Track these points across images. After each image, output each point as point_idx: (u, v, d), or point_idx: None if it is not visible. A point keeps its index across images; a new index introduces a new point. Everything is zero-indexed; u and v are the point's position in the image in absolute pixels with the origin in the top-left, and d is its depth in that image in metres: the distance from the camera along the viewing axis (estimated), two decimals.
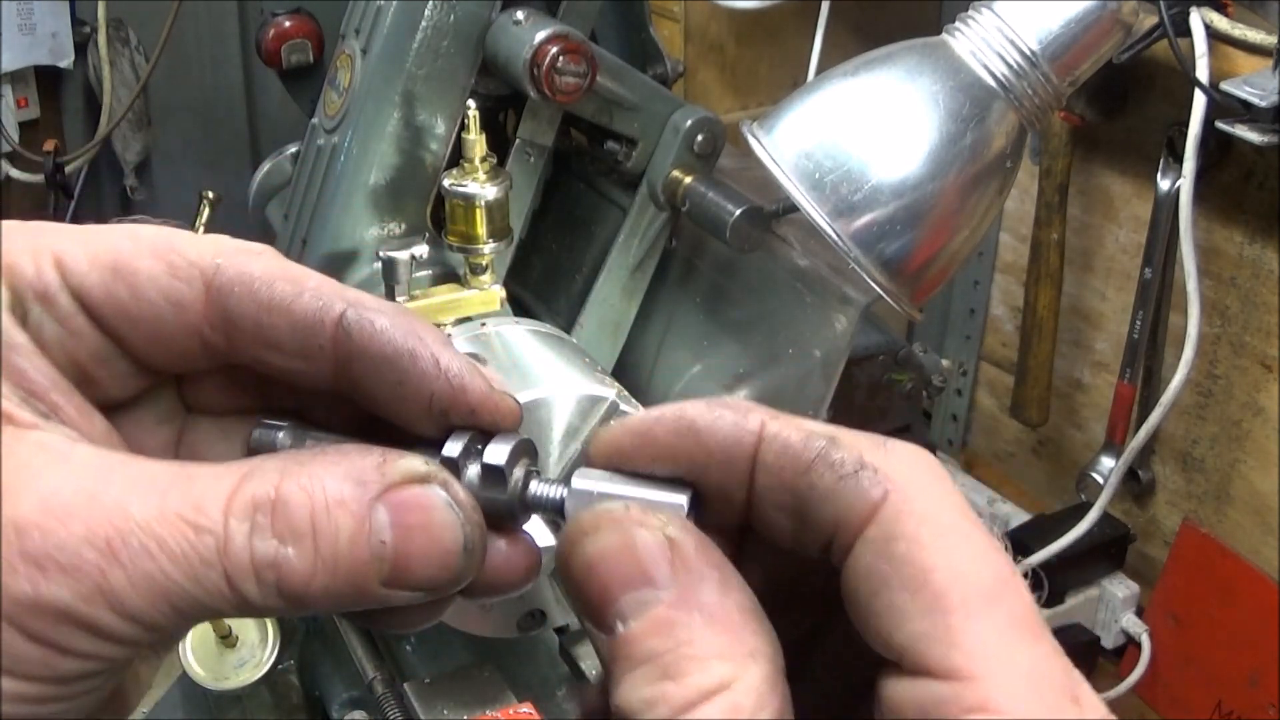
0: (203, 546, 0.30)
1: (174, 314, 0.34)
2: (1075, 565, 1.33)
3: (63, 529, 0.29)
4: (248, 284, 0.34)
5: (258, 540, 0.30)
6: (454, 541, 0.32)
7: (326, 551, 0.31)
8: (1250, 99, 1.03)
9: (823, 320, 1.02)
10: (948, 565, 0.29)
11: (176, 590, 0.30)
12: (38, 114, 1.56)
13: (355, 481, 0.31)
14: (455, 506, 0.32)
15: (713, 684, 0.28)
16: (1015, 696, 0.27)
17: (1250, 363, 1.28)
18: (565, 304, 1.18)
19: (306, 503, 0.31)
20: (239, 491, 0.30)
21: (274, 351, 0.34)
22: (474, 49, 1.02)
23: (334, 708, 1.10)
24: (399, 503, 0.31)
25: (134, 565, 0.29)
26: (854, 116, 0.82)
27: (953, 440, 1.68)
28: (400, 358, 0.33)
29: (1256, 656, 1.23)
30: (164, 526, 0.30)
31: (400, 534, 0.31)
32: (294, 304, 0.34)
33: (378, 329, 0.33)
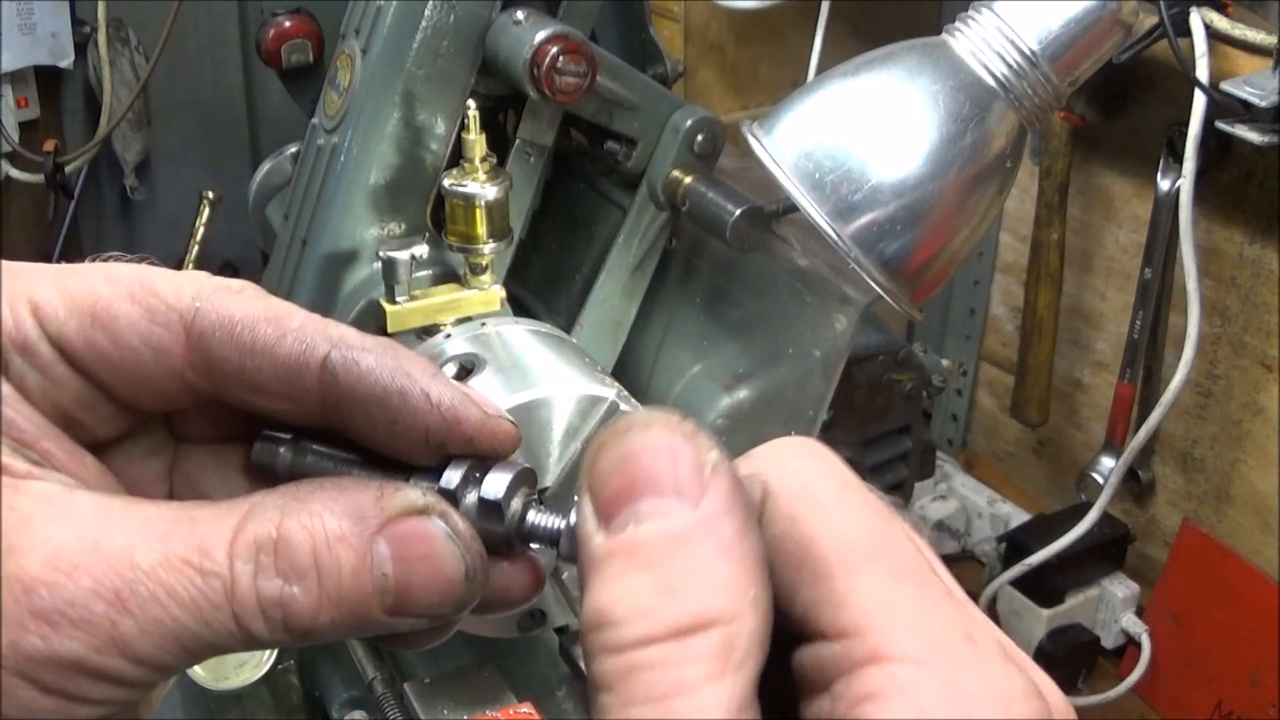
0: (210, 590, 0.30)
1: (154, 359, 0.34)
2: (1075, 565, 1.33)
3: (70, 583, 0.29)
4: (228, 328, 0.33)
5: (263, 580, 0.30)
6: (455, 571, 0.32)
7: (330, 587, 0.31)
8: (1250, 99, 1.03)
9: (823, 320, 1.02)
10: (825, 533, 0.29)
11: (186, 634, 0.30)
12: (38, 114, 1.56)
13: (354, 517, 0.32)
14: (455, 537, 0.33)
15: (712, 614, 0.27)
16: (904, 642, 0.27)
17: (1250, 363, 1.28)
18: (565, 304, 1.18)
19: (308, 540, 0.31)
20: (241, 532, 0.31)
21: (259, 395, 0.34)
22: (474, 49, 1.02)
23: (334, 708, 1.10)
24: (399, 536, 0.32)
25: (143, 613, 0.30)
26: (854, 116, 0.82)
27: (953, 440, 1.68)
28: (390, 397, 0.33)
29: (1256, 656, 1.23)
30: (170, 573, 0.30)
31: (401, 566, 0.32)
32: (277, 347, 0.33)
33: (364, 370, 0.33)
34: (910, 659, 0.27)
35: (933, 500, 1.53)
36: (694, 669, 0.27)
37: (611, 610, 0.28)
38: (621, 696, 0.27)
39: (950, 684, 0.27)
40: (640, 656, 0.27)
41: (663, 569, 0.28)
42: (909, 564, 0.29)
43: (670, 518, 0.28)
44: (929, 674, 0.27)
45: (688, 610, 0.27)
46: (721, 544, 0.28)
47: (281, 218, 1.15)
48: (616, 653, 0.27)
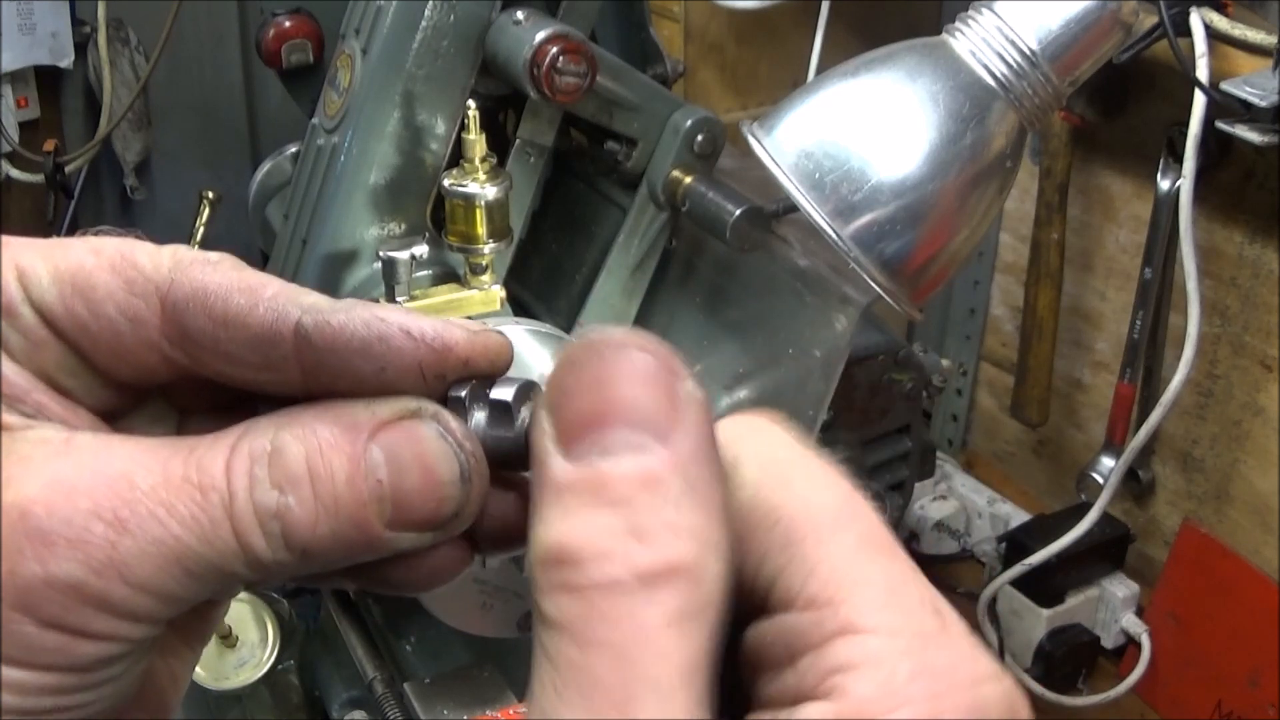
0: (209, 505, 0.30)
1: (131, 330, 0.33)
2: (1075, 565, 1.33)
3: (68, 504, 0.29)
4: (202, 299, 0.33)
5: (259, 492, 0.30)
6: (450, 471, 0.32)
7: (326, 495, 0.31)
8: (1250, 99, 1.03)
9: (823, 320, 1.02)
10: (794, 499, 0.29)
11: (188, 553, 0.30)
12: (38, 114, 1.56)
13: (347, 424, 0.31)
14: (447, 435, 0.32)
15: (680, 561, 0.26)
16: (876, 614, 0.27)
17: (1250, 363, 1.28)
18: (565, 304, 1.18)
19: (301, 450, 0.31)
20: (237, 448, 0.31)
21: (235, 366, 0.33)
22: (474, 49, 1.02)
23: (334, 708, 1.10)
24: (391, 439, 0.31)
25: (143, 532, 0.29)
26: (854, 116, 0.82)
27: (953, 440, 1.68)
28: (372, 345, 0.32)
29: (1256, 656, 1.23)
30: (170, 491, 0.30)
31: (395, 470, 0.31)
32: (249, 317, 0.33)
33: (337, 327, 0.32)
34: (882, 631, 0.27)
35: (933, 500, 1.53)
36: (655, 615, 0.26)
37: (574, 547, 0.27)
38: (577, 638, 0.26)
39: (922, 659, 0.26)
40: (601, 600, 0.26)
41: (632, 510, 0.27)
42: (878, 534, 0.29)
43: (642, 454, 0.27)
44: (901, 647, 0.27)
45: (656, 556, 0.26)
46: (691, 487, 0.27)
47: (281, 218, 1.15)
48: (575, 592, 0.27)
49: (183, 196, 1.46)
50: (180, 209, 1.48)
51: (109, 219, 1.68)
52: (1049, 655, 1.32)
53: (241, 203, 1.31)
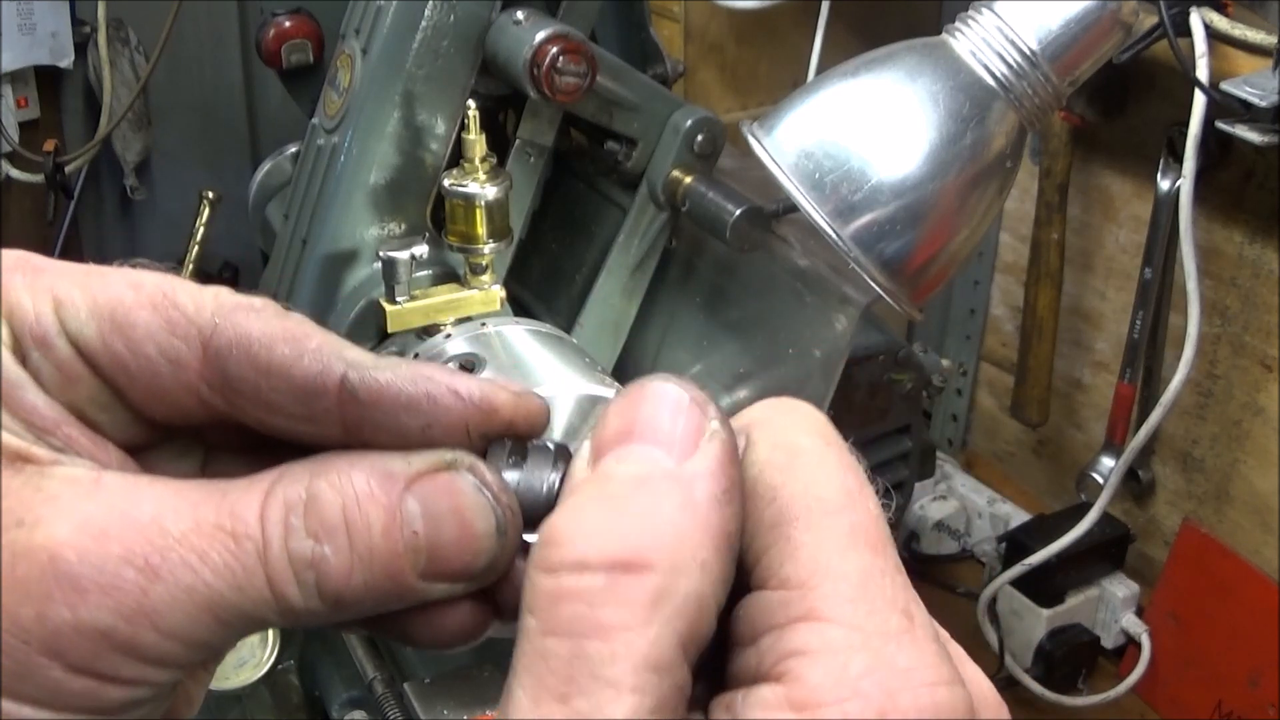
0: (243, 553, 0.30)
1: (171, 371, 0.33)
2: (1075, 565, 1.33)
3: (99, 549, 0.29)
4: (245, 346, 0.32)
5: (294, 541, 0.30)
6: (486, 524, 0.32)
7: (361, 546, 0.30)
8: (1250, 99, 1.03)
9: (823, 320, 1.02)
10: (794, 482, 0.29)
11: (220, 601, 0.29)
12: (38, 114, 1.56)
13: (383, 474, 0.31)
14: (484, 488, 0.32)
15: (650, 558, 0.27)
16: (842, 606, 0.27)
17: (1250, 363, 1.28)
18: (565, 304, 1.18)
19: (337, 499, 0.30)
20: (272, 495, 0.30)
21: (276, 415, 0.33)
22: (474, 49, 1.02)
23: (334, 708, 1.10)
24: (427, 491, 0.31)
25: (175, 579, 0.29)
26: (854, 116, 0.82)
27: (953, 440, 1.68)
28: (419, 402, 0.32)
29: (1256, 656, 1.23)
30: (202, 538, 0.29)
31: (431, 522, 0.31)
32: (294, 368, 0.32)
33: (384, 384, 0.32)
34: (845, 623, 0.27)
35: (933, 500, 1.53)
36: (616, 612, 0.26)
37: (559, 530, 0.28)
38: (542, 623, 0.27)
39: (880, 655, 0.27)
40: (569, 581, 0.27)
41: (623, 506, 0.28)
42: (869, 528, 0.29)
43: (648, 464, 0.28)
44: (860, 641, 0.27)
45: (627, 546, 0.27)
46: (688, 502, 0.28)
47: (281, 218, 1.15)
48: (549, 571, 0.27)
49: (183, 196, 1.46)
50: (180, 209, 1.48)
51: (109, 219, 1.68)
52: (1049, 655, 1.32)
53: (241, 203, 1.31)
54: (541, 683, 0.26)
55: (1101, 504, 1.24)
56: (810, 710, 0.26)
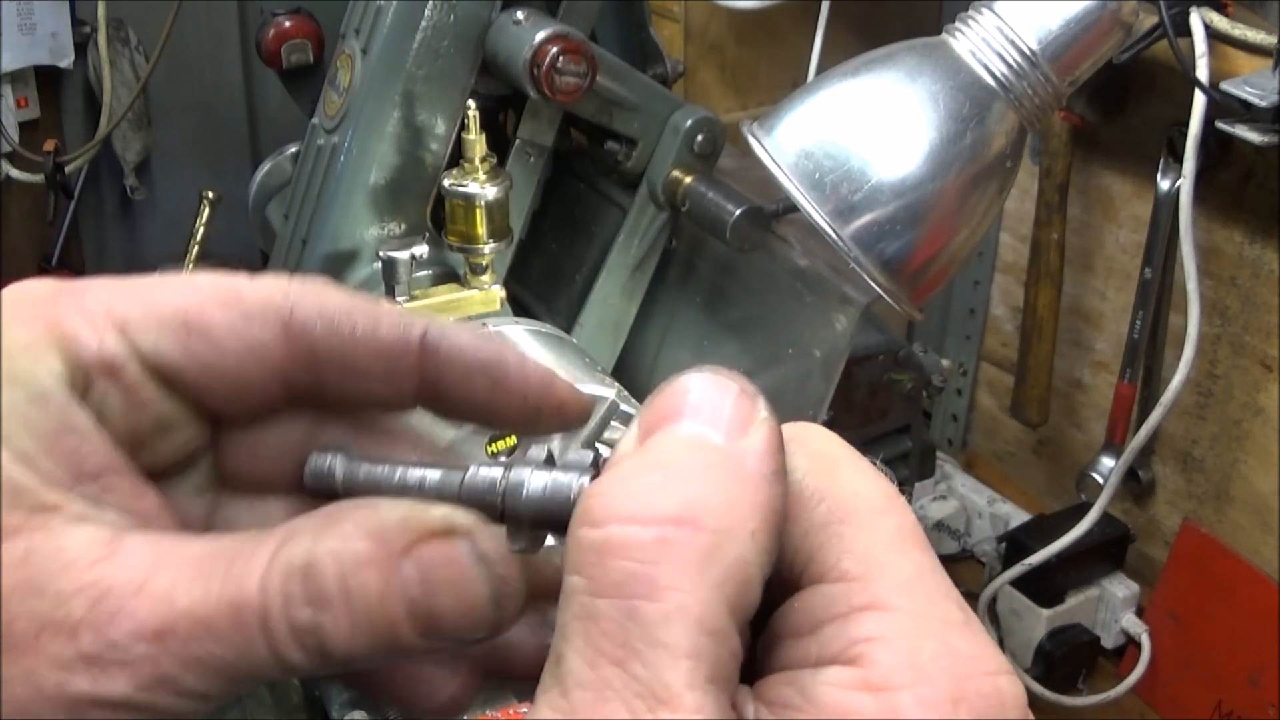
0: (244, 625, 0.30)
1: (255, 359, 0.34)
2: (1075, 565, 1.33)
3: (112, 627, 0.30)
4: (328, 319, 0.34)
5: (293, 610, 0.31)
6: (481, 595, 0.32)
7: (360, 612, 0.31)
8: (1250, 99, 1.03)
9: (823, 320, 1.02)
10: (838, 485, 0.30)
11: (227, 667, 0.30)
12: (38, 114, 1.56)
13: (380, 539, 0.31)
14: (481, 560, 0.32)
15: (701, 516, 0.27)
16: (905, 596, 0.28)
17: (1250, 363, 1.28)
18: (565, 304, 1.18)
19: (335, 566, 0.31)
20: (274, 562, 0.31)
21: (359, 379, 0.35)
22: (474, 49, 1.02)
23: (334, 708, 1.10)
24: (424, 559, 0.32)
25: (184, 650, 0.30)
26: (854, 116, 0.82)
27: (953, 440, 1.68)
28: (492, 365, 0.35)
29: (1256, 656, 1.23)
30: (208, 609, 0.30)
31: (427, 589, 0.31)
32: (378, 330, 0.35)
33: (464, 343, 0.35)
34: (910, 611, 0.28)
35: (933, 500, 1.53)
36: (668, 571, 0.26)
37: (604, 489, 0.28)
38: (590, 581, 0.27)
39: (946, 642, 0.27)
40: (618, 534, 0.27)
41: (673, 470, 0.28)
42: (914, 529, 0.30)
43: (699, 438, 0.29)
44: (926, 628, 0.27)
45: (679, 502, 0.27)
46: (740, 473, 0.28)
47: (281, 218, 1.15)
48: (595, 526, 0.27)
49: (183, 196, 1.46)
50: (180, 209, 1.48)
51: (109, 219, 1.68)
52: (1049, 655, 1.32)
53: (241, 203, 1.31)
54: (596, 647, 0.26)
55: (1101, 504, 1.24)
56: (886, 691, 0.26)
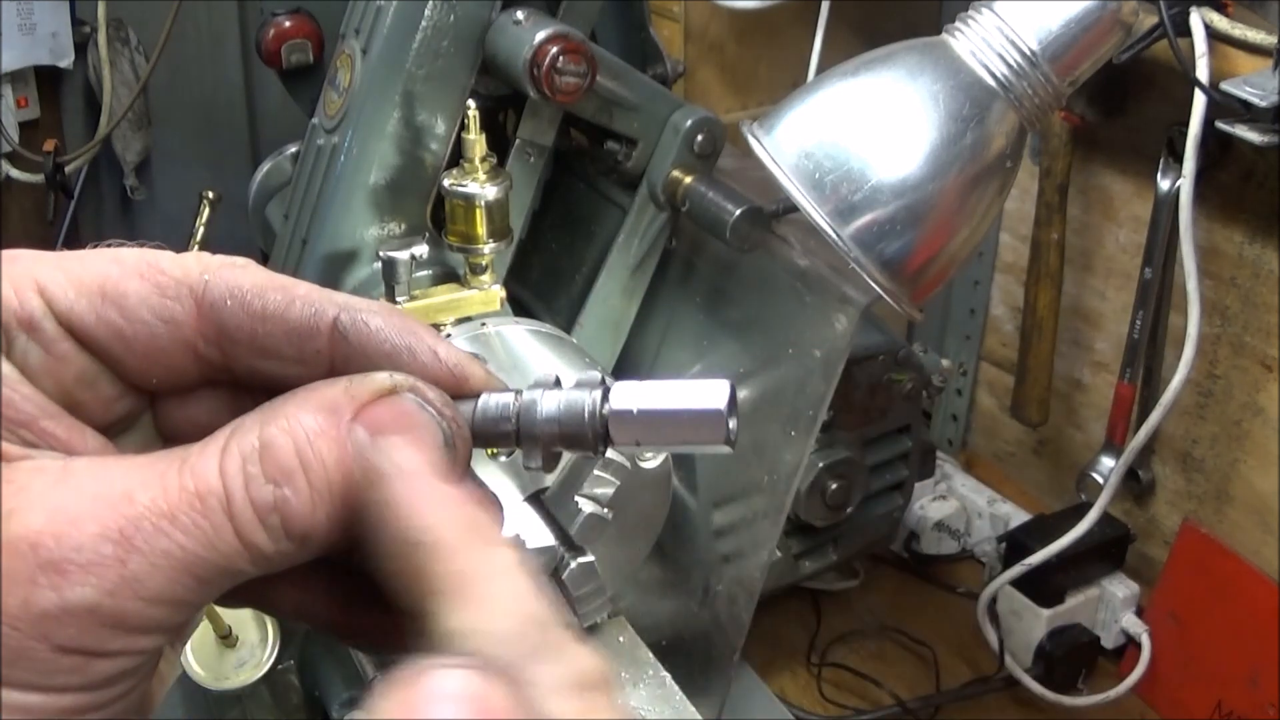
0: (209, 510, 0.31)
1: (167, 332, 0.35)
2: (1075, 565, 1.33)
3: (75, 530, 0.30)
4: (239, 296, 0.35)
5: (254, 489, 0.31)
6: (434, 439, 0.33)
7: (319, 481, 0.32)
8: (1250, 99, 1.03)
9: (823, 320, 1.02)
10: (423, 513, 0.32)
11: (195, 560, 0.31)
12: (38, 114, 1.56)
13: (328, 410, 0.33)
14: (427, 405, 0.34)
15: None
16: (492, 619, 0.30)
17: (1250, 363, 1.28)
18: (565, 304, 1.18)
19: (289, 442, 0.32)
20: (228, 449, 0.32)
21: (270, 360, 0.35)
22: (474, 49, 1.02)
23: (334, 708, 1.10)
24: (373, 418, 0.33)
25: (150, 546, 0.30)
26: (854, 116, 0.82)
27: (953, 440, 1.68)
28: (399, 354, 0.35)
29: (1256, 656, 1.23)
30: (169, 502, 0.31)
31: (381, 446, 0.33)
32: (287, 312, 0.35)
33: (374, 329, 0.35)
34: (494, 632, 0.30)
35: (933, 500, 1.53)
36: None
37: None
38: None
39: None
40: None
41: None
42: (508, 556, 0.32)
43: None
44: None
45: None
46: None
47: (281, 218, 1.15)
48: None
49: (183, 196, 1.46)
50: (180, 209, 1.48)
51: (109, 219, 1.68)
52: (1049, 655, 1.32)
53: (241, 203, 1.31)
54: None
55: (1101, 504, 1.24)
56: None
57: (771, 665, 1.34)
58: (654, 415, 0.36)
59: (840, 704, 1.31)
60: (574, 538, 0.82)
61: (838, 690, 1.33)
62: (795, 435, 1.01)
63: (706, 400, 0.35)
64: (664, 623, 1.09)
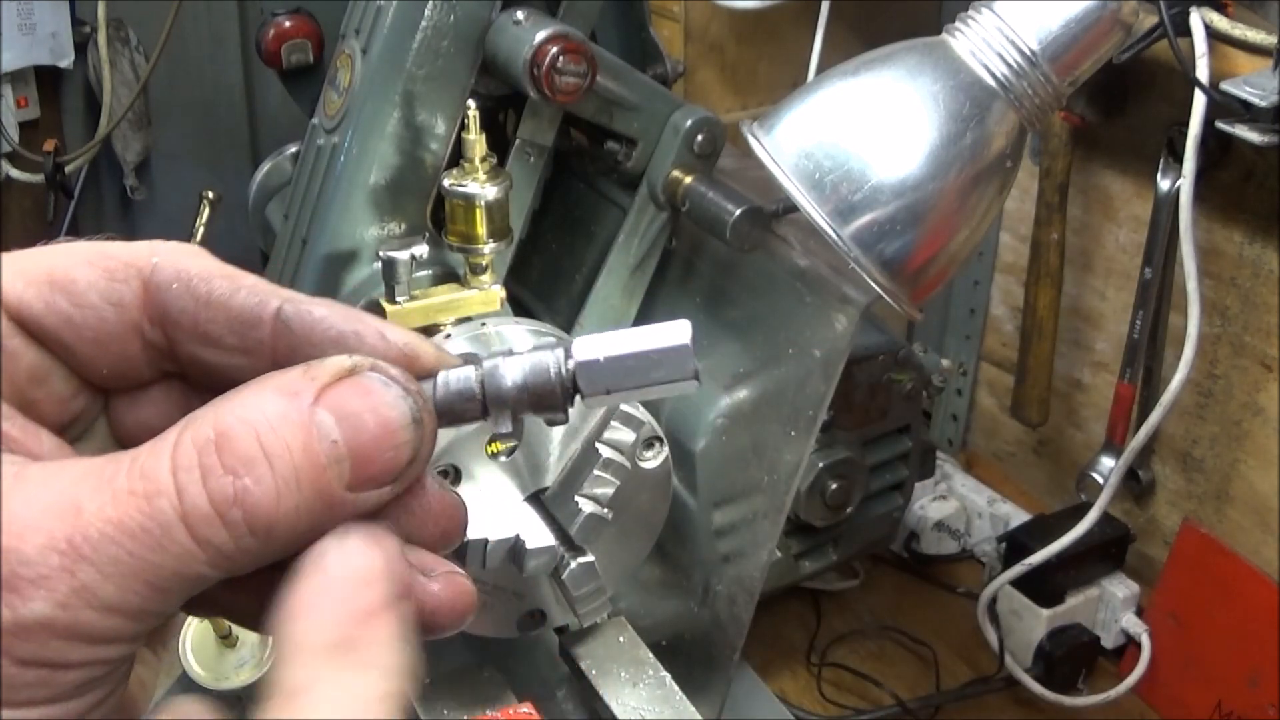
0: (157, 511, 0.29)
1: (115, 315, 0.34)
2: (1075, 565, 1.33)
3: (22, 543, 0.29)
4: (185, 280, 0.34)
5: (212, 481, 0.30)
6: (401, 415, 0.32)
7: (284, 469, 0.30)
8: (1250, 99, 1.03)
9: (823, 320, 1.02)
10: (305, 606, 0.31)
11: (148, 567, 0.29)
12: (38, 114, 1.56)
13: (288, 394, 0.31)
14: (391, 382, 0.32)
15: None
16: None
17: (1250, 363, 1.28)
18: (565, 304, 1.18)
19: (249, 429, 0.30)
20: (180, 444, 0.30)
21: (213, 347, 0.34)
22: (474, 49, 1.02)
23: None
24: (337, 399, 0.31)
25: (100, 554, 0.29)
26: (854, 116, 0.82)
27: (953, 440, 1.68)
28: (346, 339, 0.34)
29: (1256, 656, 1.23)
30: (117, 507, 0.29)
31: (348, 426, 0.31)
32: (231, 299, 0.34)
33: (317, 318, 0.34)
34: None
35: (933, 500, 1.53)
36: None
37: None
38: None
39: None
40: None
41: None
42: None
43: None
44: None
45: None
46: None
47: (281, 218, 1.15)
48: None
49: (183, 196, 1.46)
50: (180, 209, 1.48)
51: (109, 219, 1.68)
52: (1049, 655, 1.32)
53: (241, 203, 1.31)
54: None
55: (1101, 504, 1.24)
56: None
57: (771, 665, 1.34)
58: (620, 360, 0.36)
59: (840, 704, 1.31)
60: (574, 538, 0.82)
61: (838, 690, 1.33)
62: (795, 435, 1.01)
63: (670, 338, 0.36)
64: (664, 623, 1.09)
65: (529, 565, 0.81)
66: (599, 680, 0.92)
